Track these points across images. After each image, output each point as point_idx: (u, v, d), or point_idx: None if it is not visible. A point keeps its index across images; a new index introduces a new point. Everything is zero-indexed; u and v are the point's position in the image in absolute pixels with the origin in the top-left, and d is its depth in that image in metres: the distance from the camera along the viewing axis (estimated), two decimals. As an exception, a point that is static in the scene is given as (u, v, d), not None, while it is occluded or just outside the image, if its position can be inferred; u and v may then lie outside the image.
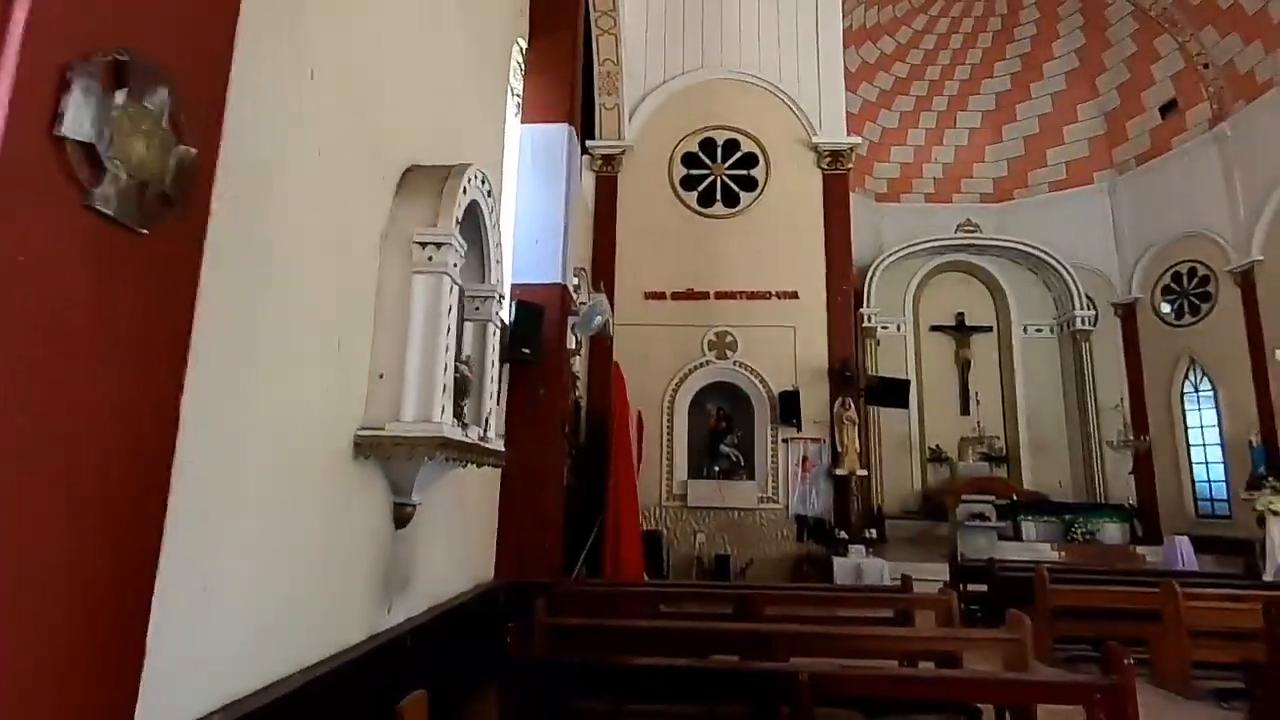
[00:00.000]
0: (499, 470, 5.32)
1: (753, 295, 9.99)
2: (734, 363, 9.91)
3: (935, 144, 16.13)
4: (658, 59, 10.58)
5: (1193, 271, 13.61)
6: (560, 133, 5.89)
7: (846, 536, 9.04)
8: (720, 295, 10.05)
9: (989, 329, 15.18)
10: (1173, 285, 13.96)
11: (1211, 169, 13.10)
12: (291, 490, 2.42)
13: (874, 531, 9.13)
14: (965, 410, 15.05)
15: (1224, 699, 4.66)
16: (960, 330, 15.19)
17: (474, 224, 3.82)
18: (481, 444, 3.68)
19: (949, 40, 15.15)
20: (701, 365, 9.96)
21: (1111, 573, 7.38)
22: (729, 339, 9.95)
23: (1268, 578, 7.65)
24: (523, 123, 5.93)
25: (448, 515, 4.25)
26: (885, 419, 14.40)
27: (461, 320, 3.91)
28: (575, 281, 6.80)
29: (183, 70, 1.23)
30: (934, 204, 16.02)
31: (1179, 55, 13.51)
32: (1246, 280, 12.45)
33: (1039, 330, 15.01)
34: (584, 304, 6.47)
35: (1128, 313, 14.53)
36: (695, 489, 9.66)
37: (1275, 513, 9.37)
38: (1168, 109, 13.92)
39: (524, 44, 5.96)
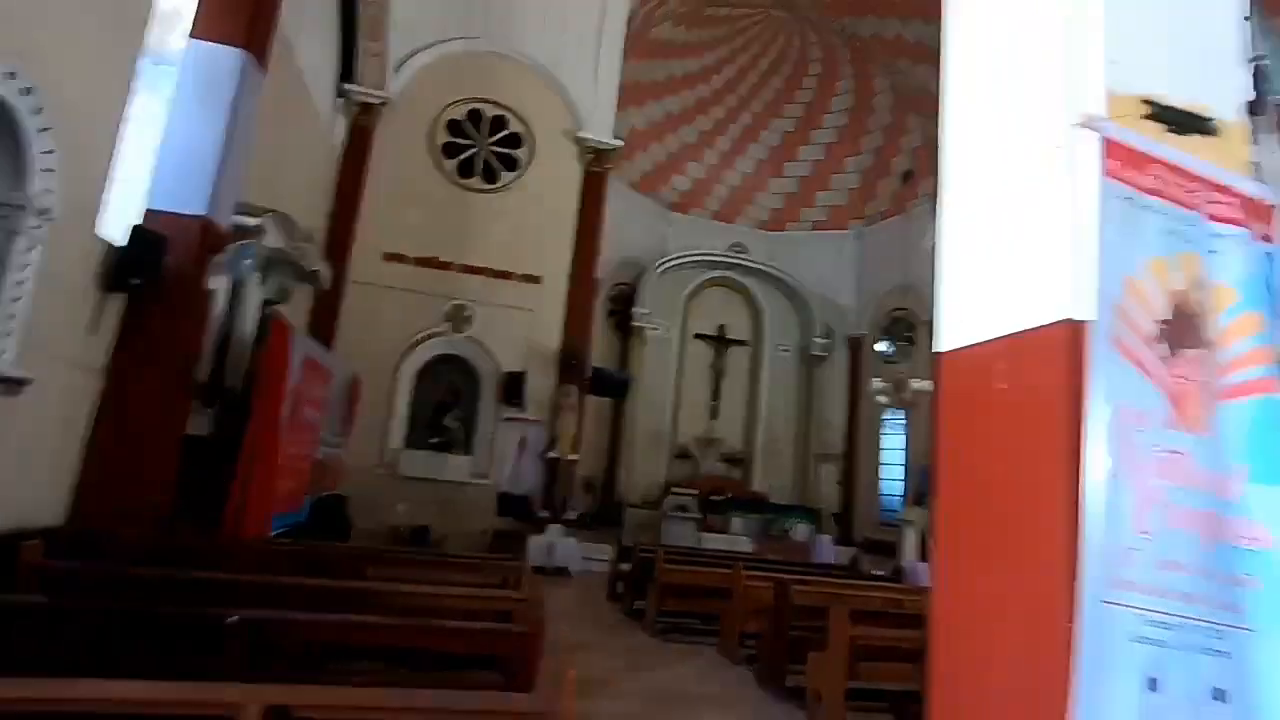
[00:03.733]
0: (85, 405, 4.89)
1: (497, 274, 10.08)
2: (468, 337, 9.93)
3: (727, 167, 17.35)
4: (435, 16, 10.26)
5: (905, 318, 15.94)
6: (232, 57, 5.50)
7: (548, 515, 9.44)
8: (465, 269, 10.02)
9: (745, 343, 16.67)
10: (890, 328, 16.26)
11: (928, 233, 15.43)
12: None
13: (574, 513, 9.61)
14: (716, 415, 16.44)
15: (749, 663, 5.52)
16: (720, 341, 16.52)
17: (7, 125, 3.46)
18: (-32, 363, 3.34)
19: (747, 74, 16.36)
20: (435, 335, 9.87)
21: (720, 556, 8.28)
22: (467, 313, 9.95)
23: (876, 572, 9.16)
24: (191, 37, 5.47)
25: (-39, 442, 3.81)
26: (642, 415, 15.30)
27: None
28: (256, 222, 6.39)
29: None
30: (718, 221, 17.23)
31: (921, 133, 15.72)
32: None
33: (785, 350, 16.75)
34: (250, 244, 6.11)
35: (855, 345, 16.70)
36: (409, 459, 9.57)
37: (910, 523, 11.26)
38: (907, 176, 16.16)
39: (204, -47, 5.49)
